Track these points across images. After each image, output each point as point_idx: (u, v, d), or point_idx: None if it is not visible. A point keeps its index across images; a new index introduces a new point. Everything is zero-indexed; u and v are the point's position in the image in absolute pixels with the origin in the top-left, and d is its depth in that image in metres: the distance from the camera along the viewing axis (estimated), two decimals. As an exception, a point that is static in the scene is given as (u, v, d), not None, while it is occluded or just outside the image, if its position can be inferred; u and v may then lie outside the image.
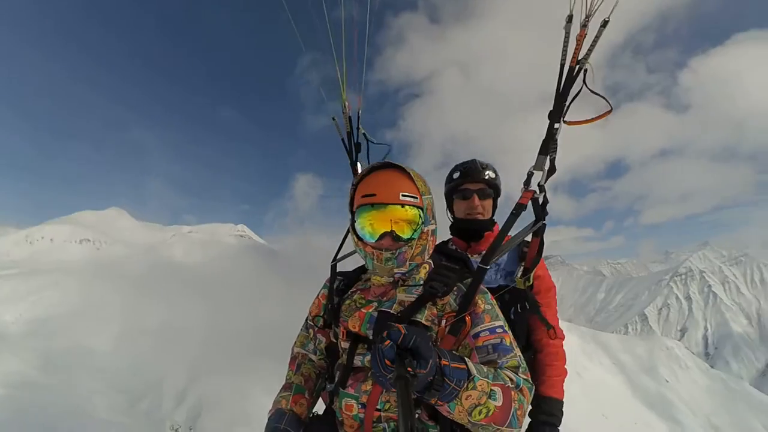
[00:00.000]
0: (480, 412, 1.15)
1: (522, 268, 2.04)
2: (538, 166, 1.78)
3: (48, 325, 40.37)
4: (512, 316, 2.09)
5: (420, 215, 1.47)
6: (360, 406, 1.43)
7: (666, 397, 53.52)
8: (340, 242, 2.11)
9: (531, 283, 2.01)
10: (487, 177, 2.33)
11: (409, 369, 0.99)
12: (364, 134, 2.52)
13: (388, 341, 1.02)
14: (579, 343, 67.86)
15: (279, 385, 1.75)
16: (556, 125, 1.72)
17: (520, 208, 1.76)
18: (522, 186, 1.95)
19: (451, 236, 2.52)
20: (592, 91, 1.66)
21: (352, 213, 1.55)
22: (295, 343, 1.89)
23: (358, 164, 2.51)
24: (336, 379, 1.56)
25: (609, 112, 1.63)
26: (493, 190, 2.37)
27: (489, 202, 2.38)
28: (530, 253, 1.98)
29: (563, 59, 1.65)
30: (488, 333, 1.38)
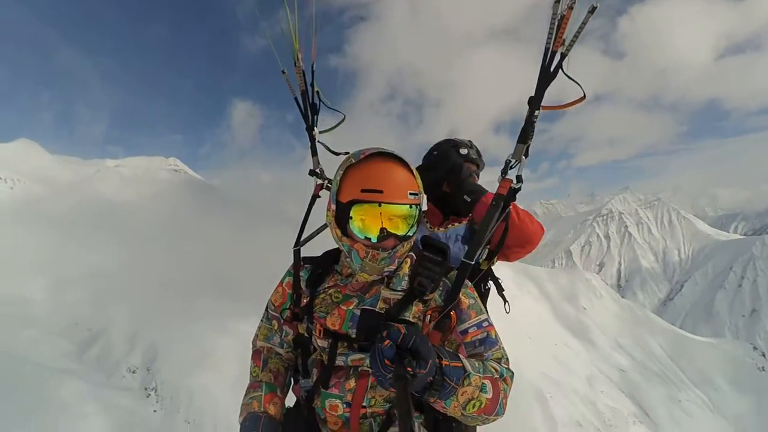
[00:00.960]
0: (473, 406, 1.19)
1: (487, 250, 2.05)
2: (516, 155, 1.70)
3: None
4: (483, 290, 2.18)
5: (417, 213, 1.42)
6: (345, 405, 1.40)
7: (583, 322, 62.99)
8: (302, 222, 1.91)
9: (494, 263, 2.08)
10: (463, 153, 2.41)
11: (408, 369, 0.99)
12: (317, 93, 2.16)
13: (388, 341, 1.03)
14: (511, 275, 75.66)
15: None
16: (537, 112, 1.63)
17: (500, 199, 1.68)
18: (499, 175, 1.88)
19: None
20: (569, 77, 1.57)
21: (338, 203, 1.41)
22: (257, 336, 1.76)
23: (316, 129, 2.14)
24: (313, 377, 1.51)
25: (582, 99, 1.59)
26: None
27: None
28: (495, 237, 1.95)
29: (548, 42, 1.55)
30: (476, 328, 1.40)
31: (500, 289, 2.25)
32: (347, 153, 1.79)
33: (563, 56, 1.56)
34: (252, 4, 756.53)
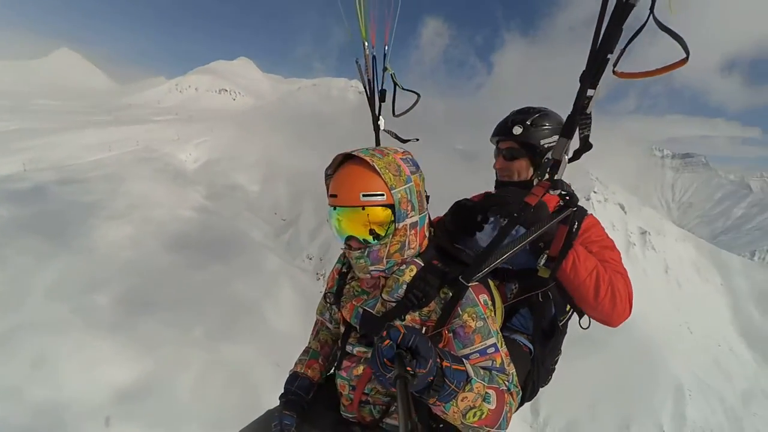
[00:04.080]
0: (474, 415, 1.18)
1: (546, 255, 1.67)
2: (557, 152, 1.34)
3: (209, 166, 49.19)
4: (541, 299, 1.81)
5: (390, 213, 1.37)
6: (351, 387, 1.52)
7: (765, 332, 49.59)
8: None
9: (555, 273, 1.67)
10: (516, 133, 1.96)
11: (408, 368, 1.00)
12: (392, 76, 2.11)
13: (388, 341, 1.04)
14: (693, 255, 64.46)
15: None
16: (590, 92, 1.18)
17: (525, 208, 1.41)
18: (531, 163, 1.65)
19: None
20: (664, 29, 1.00)
21: None
22: (317, 308, 1.90)
23: (381, 119, 2.14)
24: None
25: (684, 61, 1.01)
26: (525, 149, 1.99)
27: (521, 163, 2.01)
28: (556, 242, 1.62)
29: None
30: (478, 355, 1.33)
31: (560, 308, 1.81)
32: (417, 140, 1.81)
33: None
34: None
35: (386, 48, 2.07)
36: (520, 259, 1.81)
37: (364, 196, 1.32)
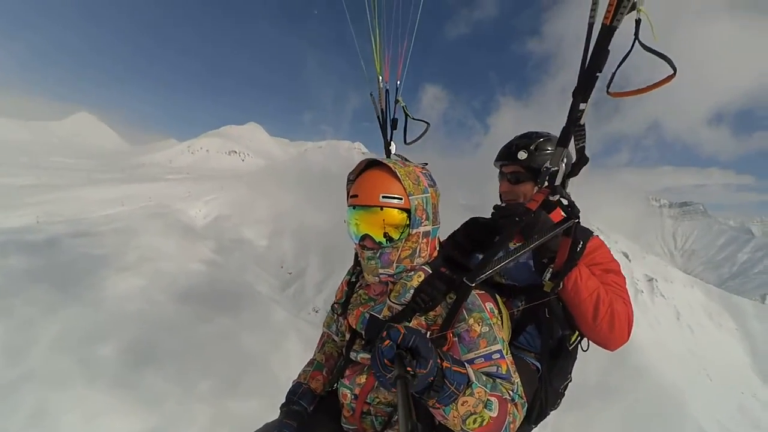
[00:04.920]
0: (474, 421, 1.15)
1: (551, 270, 1.68)
2: (554, 160, 1.45)
3: (219, 222, 50.49)
4: (547, 315, 1.80)
5: (406, 217, 1.42)
6: (353, 396, 1.51)
7: None
8: None
9: (561, 287, 1.67)
10: (521, 158, 1.99)
11: (408, 369, 0.99)
12: (403, 108, 2.27)
13: (388, 341, 1.03)
14: (703, 300, 62.90)
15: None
16: (582, 106, 1.29)
17: (526, 213, 1.47)
18: (536, 186, 1.65)
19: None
20: (650, 50, 1.14)
21: None
22: (324, 322, 1.95)
23: (392, 144, 2.29)
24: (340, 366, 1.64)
25: (671, 77, 1.13)
26: (530, 173, 2.01)
27: (526, 186, 2.03)
28: (560, 255, 1.64)
29: (592, 14, 1.18)
30: (483, 360, 1.32)
31: (564, 325, 1.78)
32: (425, 164, 1.98)
33: (635, 23, 1.13)
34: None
35: (398, 83, 2.26)
36: (525, 275, 1.85)
37: (383, 197, 1.39)
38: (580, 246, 1.55)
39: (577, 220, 1.50)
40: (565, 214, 1.51)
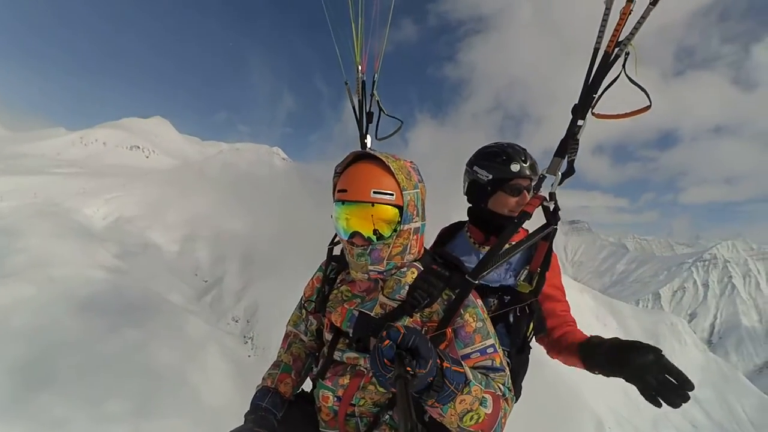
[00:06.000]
0: (471, 418, 1.17)
1: (526, 271, 1.85)
2: (552, 169, 1.56)
3: (121, 224, 45.27)
4: (511, 320, 1.87)
5: (397, 213, 1.39)
6: (336, 398, 1.45)
7: None
8: None
9: (533, 287, 1.83)
10: (539, 172, 1.97)
11: (408, 369, 0.99)
12: (377, 102, 2.26)
13: (388, 341, 1.02)
14: (592, 305, 71.68)
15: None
16: (580, 122, 1.47)
17: (524, 216, 1.57)
18: (531, 191, 1.73)
19: (467, 222, 2.22)
20: (632, 82, 1.38)
21: None
22: (289, 321, 1.87)
23: (368, 137, 2.29)
24: (317, 367, 1.58)
25: (647, 108, 1.36)
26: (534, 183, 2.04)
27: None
28: (537, 259, 1.81)
29: (599, 40, 1.39)
30: (479, 354, 1.35)
31: (537, 328, 1.92)
32: (399, 120, 2.06)
33: (622, 55, 1.39)
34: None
35: (375, 76, 2.25)
36: (498, 276, 1.92)
37: (374, 193, 1.35)
38: (548, 252, 1.76)
39: (555, 227, 1.61)
40: (546, 219, 1.60)
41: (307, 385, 1.70)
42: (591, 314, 60.64)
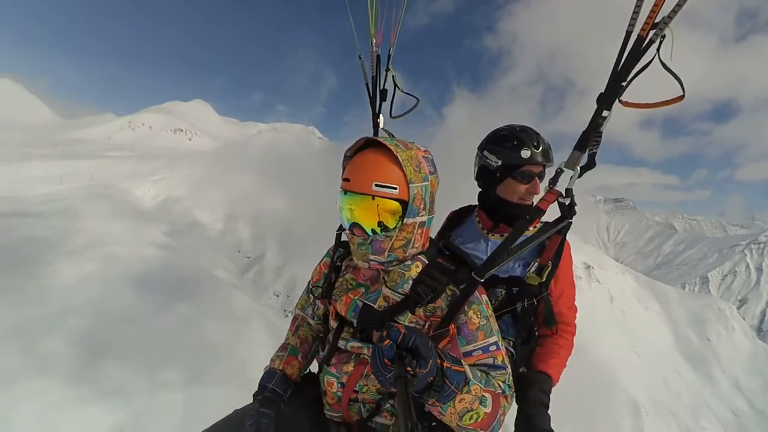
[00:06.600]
0: (471, 417, 1.16)
1: (537, 264, 1.80)
2: (570, 163, 1.45)
3: (169, 204, 48.12)
4: (518, 310, 1.85)
5: (400, 207, 1.35)
6: (340, 385, 1.46)
7: (704, 354, 55.89)
8: None
9: (544, 280, 1.79)
10: (551, 159, 1.92)
11: (408, 369, 0.98)
12: (393, 78, 2.14)
13: (388, 341, 1.02)
14: (633, 286, 69.65)
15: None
16: (605, 113, 1.34)
17: (537, 213, 1.52)
18: (547, 184, 1.65)
19: (477, 206, 2.15)
20: (667, 69, 1.24)
21: None
22: (297, 304, 1.89)
23: (381, 117, 2.16)
24: (323, 353, 1.58)
25: (680, 98, 1.23)
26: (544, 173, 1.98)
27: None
28: (548, 251, 1.77)
29: (632, 22, 1.22)
30: (481, 352, 1.33)
31: (547, 320, 1.89)
32: (416, 97, 1.92)
33: (658, 40, 1.21)
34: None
35: (390, 50, 2.10)
36: (507, 266, 1.84)
37: (376, 186, 1.31)
38: (560, 244, 1.76)
39: (570, 221, 1.56)
40: (561, 213, 1.55)
41: (314, 367, 1.73)
42: (633, 296, 58.56)
